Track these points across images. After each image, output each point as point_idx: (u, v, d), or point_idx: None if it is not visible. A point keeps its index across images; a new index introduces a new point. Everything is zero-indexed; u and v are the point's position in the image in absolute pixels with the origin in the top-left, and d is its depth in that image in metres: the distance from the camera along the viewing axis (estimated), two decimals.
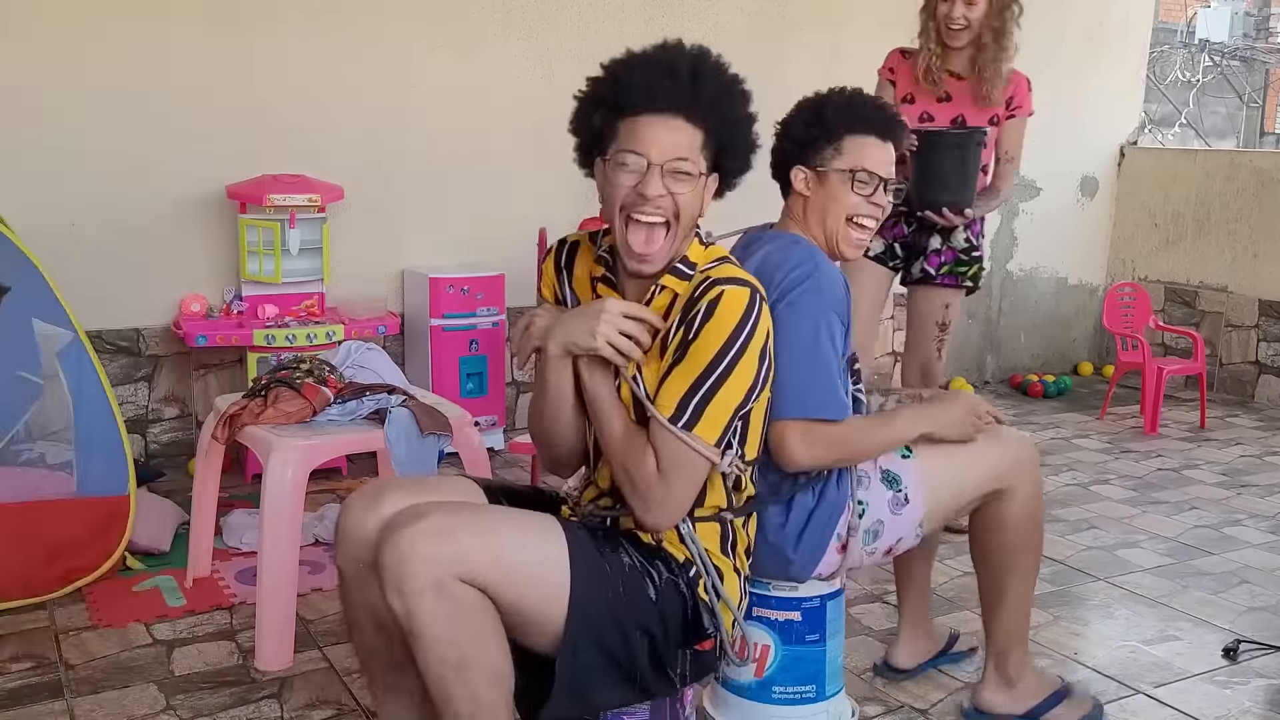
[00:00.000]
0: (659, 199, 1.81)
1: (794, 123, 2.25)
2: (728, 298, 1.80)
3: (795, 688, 2.25)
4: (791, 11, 5.24)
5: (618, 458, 1.85)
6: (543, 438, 2.01)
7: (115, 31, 3.94)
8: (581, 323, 1.83)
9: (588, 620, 1.78)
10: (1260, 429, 5.30)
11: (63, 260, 3.71)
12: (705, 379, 1.79)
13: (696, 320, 1.80)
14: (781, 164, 2.27)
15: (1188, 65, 14.06)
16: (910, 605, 2.69)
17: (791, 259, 2.13)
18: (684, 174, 1.82)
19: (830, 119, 2.21)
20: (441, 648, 1.70)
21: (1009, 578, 2.37)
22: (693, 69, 1.83)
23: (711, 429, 1.81)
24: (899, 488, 2.21)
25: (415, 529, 1.70)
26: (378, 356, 3.13)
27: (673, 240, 1.85)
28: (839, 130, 2.20)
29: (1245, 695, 2.67)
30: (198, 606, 2.98)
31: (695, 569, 1.89)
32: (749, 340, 1.81)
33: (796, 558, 2.15)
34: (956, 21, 3.26)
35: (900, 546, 2.26)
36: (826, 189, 2.21)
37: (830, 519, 2.15)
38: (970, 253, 3.39)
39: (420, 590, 1.67)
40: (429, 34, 4.46)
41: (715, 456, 1.83)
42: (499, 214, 4.62)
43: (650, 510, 1.83)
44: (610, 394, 1.87)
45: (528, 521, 1.84)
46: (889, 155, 2.23)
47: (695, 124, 1.83)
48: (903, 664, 2.68)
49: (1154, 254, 6.36)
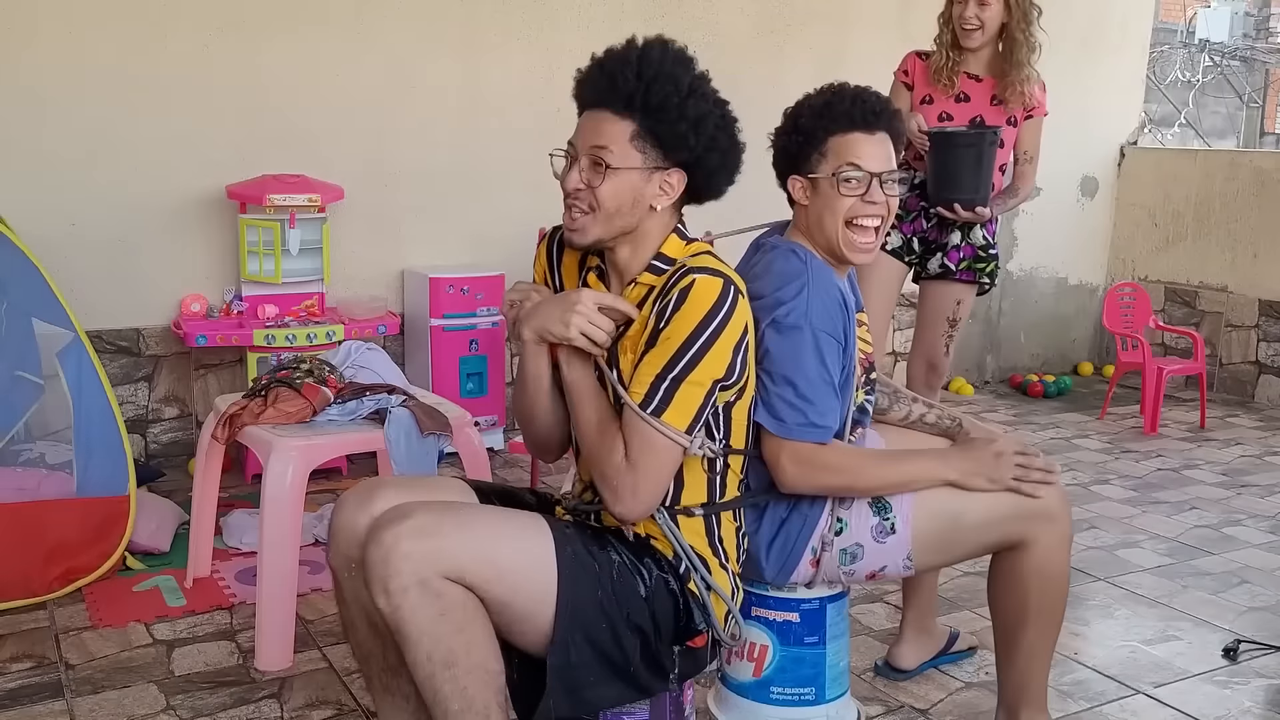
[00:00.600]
0: (575, 191, 1.85)
1: (779, 133, 2.17)
2: (699, 286, 1.80)
3: (794, 689, 2.24)
4: (792, 11, 5.24)
5: (590, 446, 1.86)
6: (523, 419, 2.03)
7: (116, 32, 3.94)
8: (556, 311, 1.84)
9: (577, 618, 1.78)
10: (1260, 429, 5.30)
11: (63, 260, 3.72)
12: (674, 365, 1.80)
13: (669, 309, 1.81)
14: (781, 176, 2.20)
15: (1188, 65, 14.06)
16: (915, 606, 2.67)
17: (783, 274, 2.06)
18: (599, 163, 1.83)
19: (808, 123, 2.11)
20: (428, 645, 1.70)
21: (1021, 632, 2.18)
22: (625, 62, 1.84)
23: (681, 415, 1.81)
24: (887, 515, 2.10)
25: (399, 527, 1.71)
26: (378, 356, 3.13)
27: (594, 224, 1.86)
28: (819, 133, 2.10)
29: (1245, 695, 2.67)
30: (198, 606, 2.98)
31: (684, 565, 1.90)
32: (721, 328, 1.81)
33: (769, 565, 2.12)
34: (969, 22, 3.25)
35: (887, 574, 2.17)
36: (820, 195, 2.11)
37: (802, 530, 2.10)
38: (988, 250, 3.40)
39: (405, 588, 1.68)
40: (429, 34, 4.46)
41: (684, 441, 1.82)
42: (499, 214, 4.63)
43: (620, 499, 1.82)
44: (587, 382, 1.89)
45: (514, 520, 1.85)
46: (881, 147, 2.10)
47: (622, 115, 1.84)
48: (905, 664, 2.67)
49: (1154, 254, 6.36)
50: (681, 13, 4.91)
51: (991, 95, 3.34)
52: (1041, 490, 2.08)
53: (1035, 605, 2.14)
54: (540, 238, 2.08)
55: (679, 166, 1.88)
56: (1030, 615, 2.15)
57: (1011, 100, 3.34)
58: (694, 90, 1.85)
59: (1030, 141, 3.45)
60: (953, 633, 2.76)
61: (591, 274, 1.98)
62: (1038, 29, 3.33)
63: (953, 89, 3.35)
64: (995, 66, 3.35)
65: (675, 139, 1.84)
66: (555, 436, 2.03)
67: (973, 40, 3.29)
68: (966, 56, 3.35)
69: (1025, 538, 2.10)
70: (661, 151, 1.85)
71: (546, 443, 2.05)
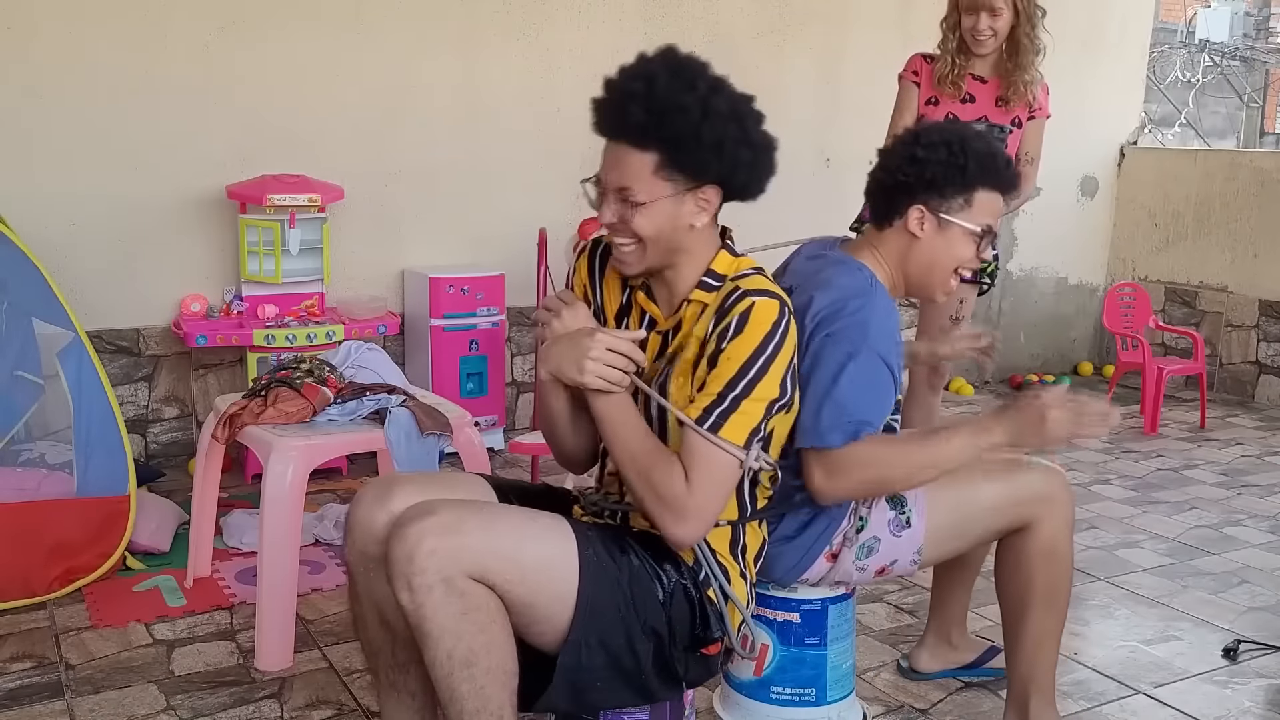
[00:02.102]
0: (612, 225, 1.84)
1: (928, 161, 2.07)
2: (759, 310, 1.80)
3: (794, 690, 2.24)
4: (792, 11, 5.24)
5: (641, 474, 1.80)
6: (549, 440, 2.03)
7: (116, 31, 3.94)
8: (570, 354, 1.82)
9: (594, 620, 1.78)
10: (1260, 429, 5.30)
11: (63, 260, 3.72)
12: (735, 385, 1.79)
13: (729, 331, 1.80)
14: (893, 195, 2.11)
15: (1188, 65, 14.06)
16: (939, 615, 2.63)
17: (847, 288, 2.02)
18: (628, 201, 1.81)
19: (972, 170, 2.07)
20: (449, 643, 1.69)
21: (1028, 616, 2.22)
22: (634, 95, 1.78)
23: (739, 432, 1.80)
24: (903, 510, 2.14)
25: (425, 524, 1.70)
26: (378, 356, 3.13)
27: (643, 253, 1.85)
28: (975, 183, 2.08)
29: (1245, 695, 2.67)
30: (198, 606, 2.98)
31: (704, 571, 1.89)
32: (777, 352, 1.81)
33: (780, 563, 2.12)
34: (983, 33, 3.28)
35: (894, 570, 2.19)
36: (945, 238, 2.08)
37: (826, 530, 2.11)
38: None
39: (429, 586, 1.67)
40: (429, 34, 4.46)
41: (742, 455, 1.81)
42: (499, 214, 4.63)
43: (685, 521, 1.79)
44: (621, 414, 1.83)
45: (538, 520, 1.83)
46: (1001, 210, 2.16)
47: (641, 149, 1.80)
48: (921, 667, 2.65)
49: (1154, 254, 6.35)
50: (681, 12, 4.90)
51: (996, 96, 3.35)
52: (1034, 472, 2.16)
53: (1041, 587, 2.19)
54: (541, 243, 2.07)
55: (713, 183, 1.85)
56: (1036, 597, 2.20)
57: (1015, 101, 3.35)
58: (708, 113, 1.79)
59: (1032, 143, 3.46)
60: (991, 648, 2.67)
61: (640, 293, 1.96)
62: (1042, 31, 3.35)
63: (959, 93, 3.36)
64: (1000, 68, 3.36)
65: (699, 165, 1.82)
66: (583, 451, 2.03)
67: (985, 48, 3.32)
68: (973, 60, 3.37)
69: (1030, 520, 2.16)
70: (689, 174, 1.82)
71: (574, 459, 2.06)
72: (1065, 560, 2.21)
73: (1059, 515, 2.18)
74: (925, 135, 2.12)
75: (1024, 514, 2.16)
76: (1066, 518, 2.20)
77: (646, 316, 1.96)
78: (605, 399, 1.83)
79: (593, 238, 2.06)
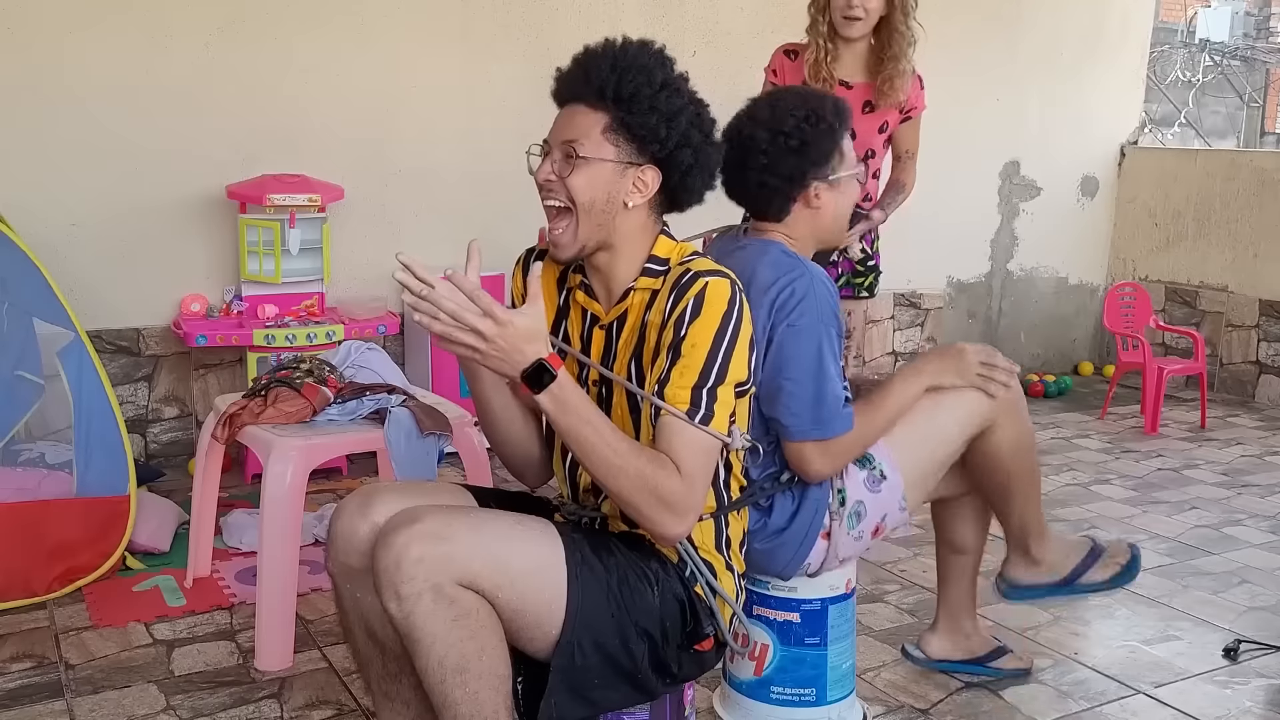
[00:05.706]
0: (546, 182, 1.84)
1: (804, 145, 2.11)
2: (711, 290, 1.79)
3: (794, 690, 2.24)
4: (791, 11, 5.22)
5: (633, 482, 1.73)
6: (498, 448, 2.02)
7: (116, 31, 3.94)
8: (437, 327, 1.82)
9: (586, 624, 1.77)
10: (1261, 429, 5.30)
11: (63, 260, 3.72)
12: (709, 371, 1.78)
13: (687, 315, 1.78)
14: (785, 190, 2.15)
15: (1188, 65, 14.08)
16: (946, 601, 2.63)
17: (786, 274, 2.08)
18: (570, 155, 1.81)
19: (835, 125, 2.14)
20: (440, 651, 1.68)
21: (1011, 495, 2.38)
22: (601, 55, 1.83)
23: (721, 422, 1.81)
24: (872, 465, 2.20)
25: (411, 531, 1.68)
26: (378, 356, 3.13)
27: (575, 227, 1.83)
28: (840, 134, 2.16)
29: (1245, 695, 2.67)
30: (198, 606, 2.98)
31: (689, 568, 1.89)
32: (737, 332, 1.80)
33: (780, 557, 2.14)
34: (854, 10, 3.09)
35: (888, 524, 2.25)
36: (838, 192, 2.19)
37: (815, 516, 2.15)
38: (866, 263, 3.35)
39: (418, 593, 1.65)
40: (429, 34, 4.46)
41: (728, 440, 1.82)
42: (499, 214, 4.62)
43: (682, 518, 1.77)
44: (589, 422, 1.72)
45: (524, 525, 1.82)
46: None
47: (595, 107, 1.83)
48: (928, 651, 2.65)
49: (1154, 254, 6.35)
50: (681, 12, 4.90)
51: (865, 101, 3.22)
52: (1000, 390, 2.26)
53: (1015, 469, 2.34)
54: (539, 243, 2.06)
55: (653, 164, 1.85)
56: (1014, 479, 2.36)
57: (885, 102, 3.22)
58: (668, 85, 1.83)
59: (911, 139, 3.37)
60: (1000, 647, 2.68)
61: (579, 292, 1.94)
62: (915, 22, 3.18)
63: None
64: (870, 66, 3.21)
65: (647, 131, 1.81)
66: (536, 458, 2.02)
67: (854, 30, 3.13)
68: (841, 55, 3.20)
69: (991, 424, 2.28)
70: (635, 146, 1.82)
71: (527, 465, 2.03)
72: (1029, 438, 2.36)
73: (1016, 412, 2.31)
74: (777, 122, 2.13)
75: (984, 423, 2.27)
76: (1023, 412, 2.33)
77: (587, 315, 1.94)
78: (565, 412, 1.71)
79: (527, 249, 2.04)
